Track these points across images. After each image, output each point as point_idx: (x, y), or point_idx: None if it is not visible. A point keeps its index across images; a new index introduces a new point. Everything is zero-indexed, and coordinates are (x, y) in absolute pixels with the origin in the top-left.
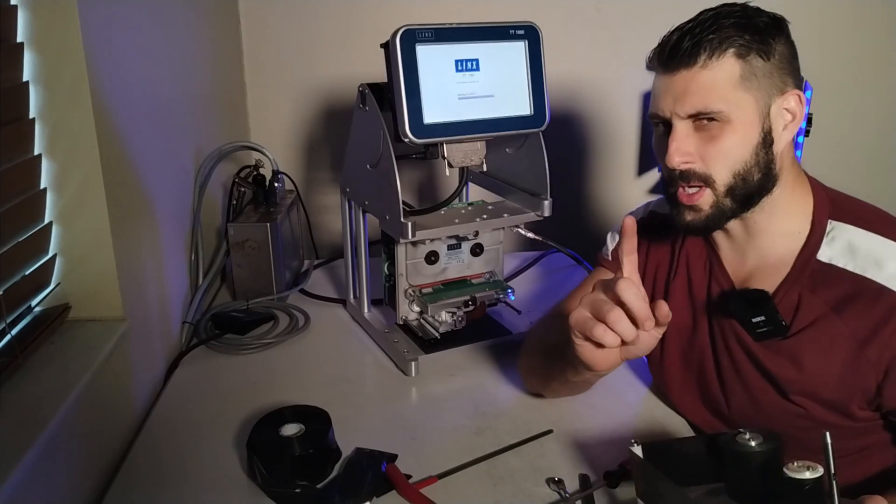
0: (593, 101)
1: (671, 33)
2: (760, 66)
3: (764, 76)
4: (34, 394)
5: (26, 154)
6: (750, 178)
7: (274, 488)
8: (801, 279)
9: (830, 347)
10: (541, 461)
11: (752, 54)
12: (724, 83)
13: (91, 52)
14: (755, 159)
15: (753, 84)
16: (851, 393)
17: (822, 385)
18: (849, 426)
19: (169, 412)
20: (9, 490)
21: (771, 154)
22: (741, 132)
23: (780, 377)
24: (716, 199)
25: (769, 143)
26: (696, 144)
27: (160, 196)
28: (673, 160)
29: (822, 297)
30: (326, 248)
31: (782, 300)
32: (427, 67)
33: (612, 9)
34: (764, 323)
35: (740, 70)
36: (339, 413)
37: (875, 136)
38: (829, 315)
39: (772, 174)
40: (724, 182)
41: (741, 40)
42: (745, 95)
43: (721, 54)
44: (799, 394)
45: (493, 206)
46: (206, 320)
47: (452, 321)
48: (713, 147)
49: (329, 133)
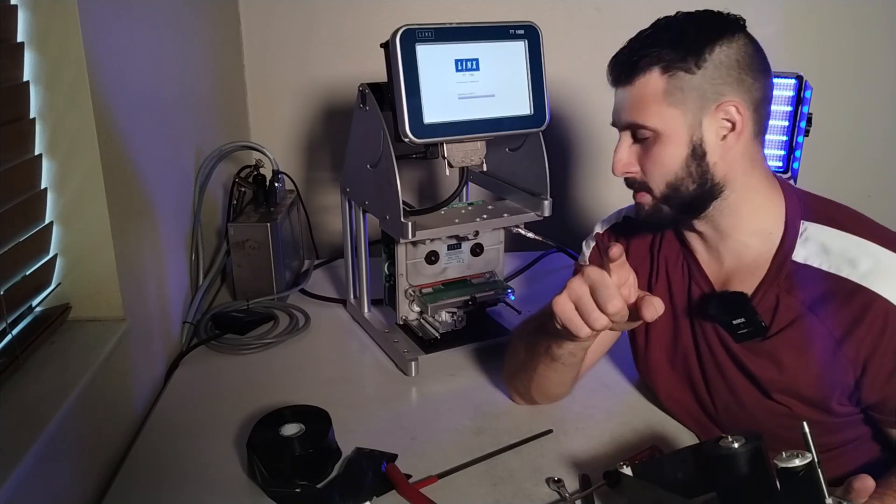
0: (593, 101)
1: (619, 51)
2: (687, 80)
3: (692, 90)
4: (34, 394)
5: (27, 154)
6: (683, 188)
7: (274, 488)
8: (778, 280)
9: (809, 346)
10: (541, 461)
11: (676, 70)
12: (651, 99)
13: (91, 52)
14: (686, 171)
15: (678, 98)
16: (831, 389)
17: (803, 383)
18: (830, 422)
19: (169, 412)
20: (9, 490)
21: (705, 165)
22: (671, 145)
23: (761, 377)
24: (654, 204)
25: (700, 154)
26: (637, 154)
27: (160, 196)
28: (617, 168)
29: (799, 297)
30: (326, 248)
31: (760, 301)
32: (427, 67)
33: (612, 9)
34: (744, 325)
35: (664, 86)
36: (339, 413)
37: (876, 136)
38: (807, 314)
39: (709, 185)
40: (659, 190)
41: (668, 56)
42: (672, 110)
43: (647, 72)
44: (781, 392)
45: (493, 206)
46: (207, 320)
47: (452, 321)
48: (648, 158)
49: (329, 133)
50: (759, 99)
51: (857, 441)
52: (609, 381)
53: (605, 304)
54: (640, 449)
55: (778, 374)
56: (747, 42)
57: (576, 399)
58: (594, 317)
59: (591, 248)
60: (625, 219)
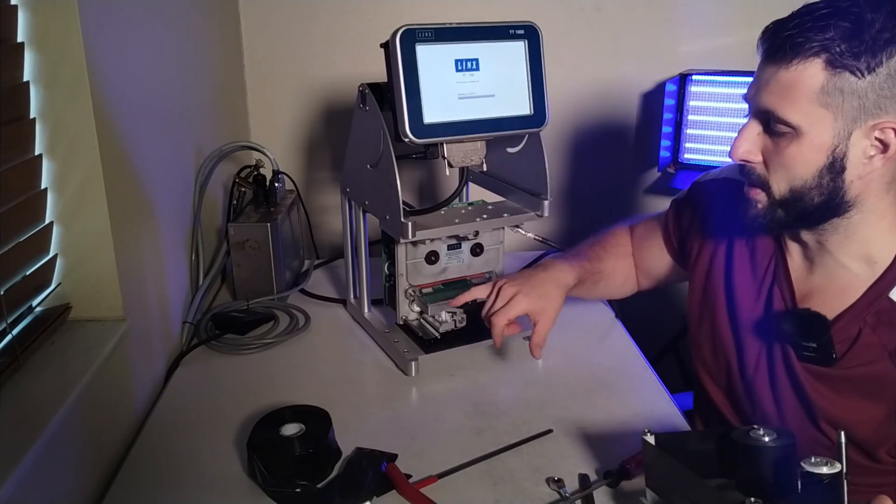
0: (593, 101)
1: (781, 21)
2: (851, 83)
3: (852, 95)
4: (34, 394)
5: (27, 154)
6: (808, 197)
7: (274, 488)
8: (866, 314)
9: (877, 392)
10: (541, 461)
11: (843, 69)
12: (803, 91)
13: (91, 52)
14: (817, 181)
15: (835, 101)
16: (884, 439)
17: (857, 424)
18: (869, 466)
19: (169, 412)
20: (9, 490)
21: (840, 181)
22: (808, 150)
23: (815, 403)
24: (769, 205)
25: (839, 169)
26: (763, 145)
27: (160, 196)
28: (736, 151)
29: (884, 338)
30: (326, 248)
31: (841, 330)
32: (427, 67)
33: (612, 9)
34: (813, 350)
35: (823, 82)
36: (339, 413)
37: None
38: (885, 359)
39: (837, 200)
40: (780, 193)
41: (837, 49)
42: (823, 112)
43: (809, 59)
44: (828, 422)
45: (493, 206)
46: (207, 320)
47: (452, 321)
48: (777, 155)
49: (329, 133)
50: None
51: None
52: (609, 381)
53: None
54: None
55: (834, 406)
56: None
57: (576, 399)
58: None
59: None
60: (728, 182)
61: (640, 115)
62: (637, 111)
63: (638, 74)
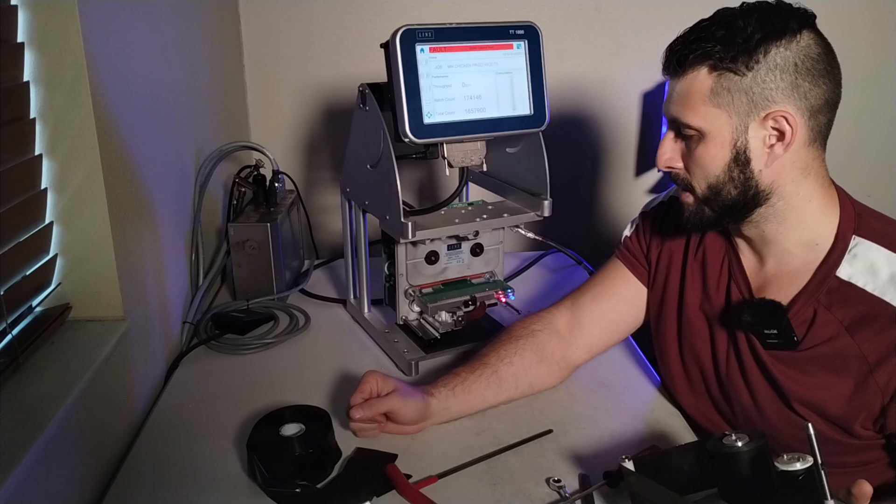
0: (593, 101)
1: (674, 40)
2: (736, 81)
3: (739, 92)
4: (34, 394)
5: (27, 154)
6: (725, 192)
7: (274, 488)
8: (818, 294)
9: (841, 367)
10: (541, 461)
11: (724, 70)
12: (697, 97)
13: (91, 52)
14: (728, 175)
15: (725, 99)
16: (856, 412)
17: (828, 401)
18: (848, 442)
19: (169, 412)
20: (9, 490)
21: (748, 172)
22: (714, 148)
23: (785, 386)
24: (697, 205)
25: (744, 161)
26: (682, 151)
27: (160, 196)
28: (659, 160)
29: (838, 315)
30: (326, 248)
31: (797, 313)
32: (427, 67)
33: (612, 9)
34: (775, 336)
35: (711, 85)
36: (339, 413)
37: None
38: (843, 335)
39: (753, 191)
40: (701, 192)
41: (718, 54)
42: (717, 111)
43: (695, 67)
44: (802, 404)
45: (493, 206)
46: (207, 320)
47: (452, 321)
48: (690, 157)
49: (329, 133)
50: (818, 105)
51: (873, 464)
52: (609, 381)
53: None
54: (639, 449)
55: (803, 386)
56: (812, 42)
57: (576, 399)
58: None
59: (634, 227)
60: (671, 199)
61: (640, 115)
62: (637, 111)
63: (638, 74)
